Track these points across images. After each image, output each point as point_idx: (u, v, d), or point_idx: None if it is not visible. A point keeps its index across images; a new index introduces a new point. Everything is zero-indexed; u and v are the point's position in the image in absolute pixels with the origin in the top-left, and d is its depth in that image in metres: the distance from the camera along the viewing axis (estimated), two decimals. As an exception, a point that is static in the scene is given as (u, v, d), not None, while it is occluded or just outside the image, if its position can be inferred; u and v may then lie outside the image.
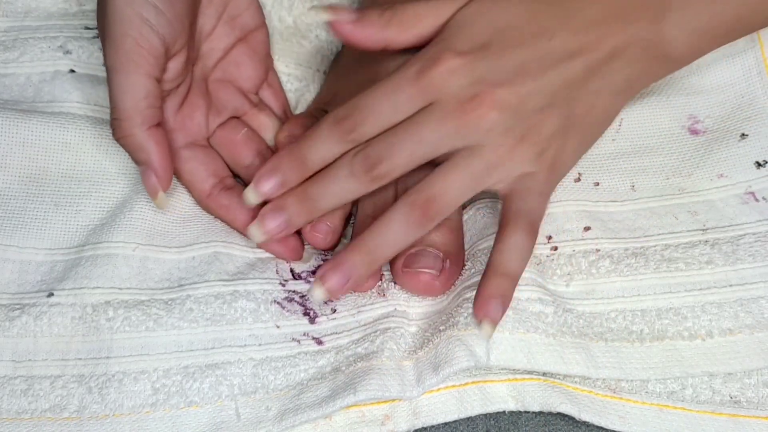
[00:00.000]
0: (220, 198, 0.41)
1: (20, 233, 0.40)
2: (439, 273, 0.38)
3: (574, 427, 0.37)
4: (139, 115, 0.37)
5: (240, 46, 0.44)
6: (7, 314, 0.37)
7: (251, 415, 0.36)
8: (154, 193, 0.39)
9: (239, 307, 0.38)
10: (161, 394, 0.36)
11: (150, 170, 0.38)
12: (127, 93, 0.37)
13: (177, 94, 0.41)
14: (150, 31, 0.37)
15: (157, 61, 0.37)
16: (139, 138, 0.38)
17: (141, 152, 0.38)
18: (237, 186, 0.42)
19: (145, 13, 0.37)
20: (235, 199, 0.41)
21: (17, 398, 0.35)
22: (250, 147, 0.43)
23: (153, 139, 0.38)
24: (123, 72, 0.37)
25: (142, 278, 0.39)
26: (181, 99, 0.41)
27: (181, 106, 0.41)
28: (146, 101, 0.37)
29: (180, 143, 0.41)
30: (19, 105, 0.43)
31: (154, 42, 0.37)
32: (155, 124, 0.38)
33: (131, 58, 0.37)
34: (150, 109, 0.38)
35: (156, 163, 0.38)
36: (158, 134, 0.38)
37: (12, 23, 0.47)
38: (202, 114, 0.42)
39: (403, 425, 0.36)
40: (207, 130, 0.43)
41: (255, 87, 0.45)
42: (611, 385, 0.37)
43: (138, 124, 0.37)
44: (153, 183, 0.38)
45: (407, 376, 0.36)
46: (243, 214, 0.41)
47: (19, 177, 0.41)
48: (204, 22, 0.42)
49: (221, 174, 0.42)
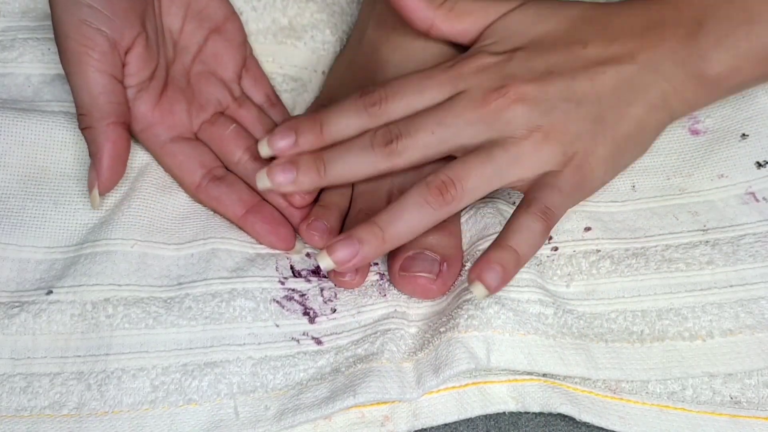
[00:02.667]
0: (210, 189, 0.41)
1: (19, 232, 0.40)
2: (436, 277, 0.38)
3: (575, 427, 0.37)
4: (97, 110, 0.38)
5: (214, 37, 0.45)
6: (6, 312, 0.37)
7: (250, 414, 0.36)
8: (90, 188, 0.39)
9: (238, 305, 0.38)
10: (160, 392, 0.36)
11: (95, 165, 0.39)
12: (82, 90, 0.38)
13: (150, 89, 0.41)
14: (89, 29, 0.38)
15: (105, 57, 0.38)
16: (95, 131, 0.39)
17: (92, 145, 0.39)
18: (227, 175, 0.42)
19: (81, 15, 0.38)
20: (225, 190, 0.41)
21: (16, 395, 0.35)
22: (238, 143, 0.43)
23: (108, 135, 0.39)
24: (74, 72, 0.38)
25: (141, 275, 0.39)
26: (157, 94, 0.42)
27: (159, 102, 0.42)
28: (104, 97, 0.38)
29: (164, 137, 0.42)
30: (17, 104, 0.43)
31: (97, 39, 0.38)
32: (119, 122, 0.39)
33: (78, 58, 0.38)
34: (109, 105, 0.39)
35: (102, 159, 0.39)
36: (116, 132, 0.39)
37: (9, 23, 0.47)
38: (183, 108, 0.42)
39: (403, 426, 0.36)
40: (191, 124, 0.43)
41: (236, 75, 0.45)
42: (611, 386, 0.37)
43: (97, 118, 0.38)
44: (92, 178, 0.39)
45: (407, 378, 0.36)
46: (234, 206, 0.41)
47: (18, 176, 0.41)
48: (171, 21, 0.43)
49: (210, 165, 0.42)
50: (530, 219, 0.36)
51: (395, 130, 0.37)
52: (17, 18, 0.47)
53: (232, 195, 0.41)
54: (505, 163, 0.37)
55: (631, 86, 0.38)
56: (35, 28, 0.46)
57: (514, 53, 0.38)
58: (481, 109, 0.37)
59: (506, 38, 0.39)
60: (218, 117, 0.44)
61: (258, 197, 0.42)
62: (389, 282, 0.40)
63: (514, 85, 0.37)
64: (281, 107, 0.47)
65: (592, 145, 0.37)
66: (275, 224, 0.41)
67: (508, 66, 0.38)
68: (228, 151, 0.43)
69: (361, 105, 0.38)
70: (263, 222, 0.41)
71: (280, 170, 0.38)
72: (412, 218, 0.36)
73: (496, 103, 0.37)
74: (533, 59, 0.38)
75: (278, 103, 0.47)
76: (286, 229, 0.41)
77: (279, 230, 0.41)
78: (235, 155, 0.43)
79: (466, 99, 0.37)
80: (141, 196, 0.41)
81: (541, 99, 0.37)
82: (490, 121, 0.37)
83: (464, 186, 0.36)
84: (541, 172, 0.37)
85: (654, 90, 0.38)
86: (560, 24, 0.39)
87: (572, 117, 0.37)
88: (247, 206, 0.41)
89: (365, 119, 0.38)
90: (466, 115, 0.37)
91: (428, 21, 0.40)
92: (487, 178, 0.37)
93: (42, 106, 0.43)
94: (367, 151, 0.38)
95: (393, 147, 0.37)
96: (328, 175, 0.38)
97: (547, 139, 0.37)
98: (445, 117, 0.37)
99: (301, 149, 0.39)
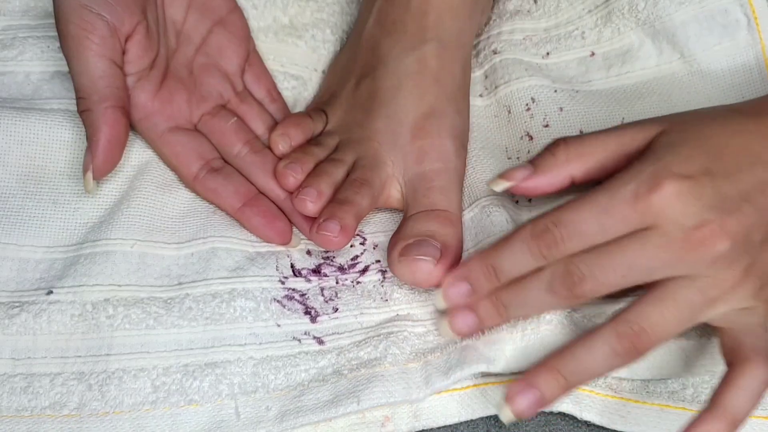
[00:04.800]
0: (207, 180, 0.41)
1: (19, 231, 0.40)
2: (436, 262, 0.38)
3: (575, 426, 0.37)
4: (96, 93, 0.39)
5: (218, 30, 0.45)
6: (7, 312, 0.37)
7: (251, 415, 0.36)
8: (84, 170, 0.39)
9: (238, 306, 0.38)
10: (161, 392, 0.36)
11: (90, 148, 0.39)
12: (82, 74, 0.38)
13: (150, 78, 0.41)
14: (90, 14, 0.38)
15: (105, 42, 0.38)
16: (93, 114, 0.39)
17: (90, 128, 0.39)
18: (225, 167, 0.42)
19: (82, 0, 0.38)
20: (223, 182, 0.41)
21: (17, 396, 0.35)
22: (239, 136, 0.43)
23: (106, 119, 0.39)
24: (74, 56, 0.38)
25: (141, 275, 0.39)
26: (157, 83, 0.42)
27: (158, 91, 0.41)
28: (103, 81, 0.39)
29: (162, 127, 0.41)
30: (17, 103, 0.43)
31: (97, 24, 0.38)
32: (118, 106, 0.39)
33: (78, 42, 0.38)
34: (108, 89, 0.39)
35: (98, 142, 0.39)
36: (114, 116, 0.39)
37: (9, 21, 0.47)
38: (183, 99, 0.42)
39: (404, 427, 0.36)
40: (191, 114, 0.43)
41: (239, 68, 0.45)
42: (612, 385, 0.37)
43: (95, 101, 0.39)
44: (87, 161, 0.39)
45: (413, 378, 0.36)
46: (231, 198, 0.41)
47: (18, 175, 0.41)
48: (174, 11, 0.43)
49: (208, 156, 0.42)
50: (758, 373, 0.33)
51: (577, 272, 0.33)
52: (18, 16, 0.47)
53: (230, 187, 0.41)
54: (702, 304, 0.33)
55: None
56: (35, 26, 0.46)
57: (704, 177, 0.33)
58: (682, 250, 0.33)
59: (684, 155, 0.34)
60: (219, 110, 0.44)
61: (255, 190, 0.42)
62: (391, 286, 0.40)
63: (716, 221, 0.33)
64: (282, 103, 0.47)
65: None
66: (272, 218, 0.41)
67: (703, 195, 0.33)
68: (227, 143, 0.43)
69: (535, 247, 0.34)
70: (260, 215, 0.41)
71: (461, 320, 0.36)
72: (598, 367, 0.33)
73: (699, 244, 0.32)
74: (725, 185, 0.33)
75: (279, 99, 0.47)
76: (283, 223, 0.41)
77: (276, 223, 0.41)
78: (234, 148, 0.43)
79: (661, 238, 0.33)
80: (141, 195, 0.41)
81: (742, 234, 0.33)
82: (691, 263, 0.33)
83: (658, 333, 0.33)
84: (738, 308, 0.34)
85: None
86: (728, 136, 0.35)
87: (766, 248, 0.34)
88: (244, 199, 0.41)
89: (540, 260, 0.34)
90: (663, 258, 0.33)
91: (566, 182, 0.37)
92: (682, 321, 0.33)
93: (41, 104, 0.43)
94: (547, 294, 0.34)
95: (577, 291, 0.34)
96: (509, 317, 0.36)
97: (746, 276, 0.34)
98: (638, 259, 0.33)
99: (478, 295, 0.36)
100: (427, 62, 0.43)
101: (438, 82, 0.43)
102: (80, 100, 0.39)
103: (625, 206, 0.33)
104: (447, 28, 0.44)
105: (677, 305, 0.33)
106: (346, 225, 0.39)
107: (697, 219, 0.32)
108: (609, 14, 0.47)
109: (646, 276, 0.33)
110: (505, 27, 0.49)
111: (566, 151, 0.37)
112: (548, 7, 0.49)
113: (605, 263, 0.33)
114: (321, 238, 0.39)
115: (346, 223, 0.39)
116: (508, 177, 0.37)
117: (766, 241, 0.34)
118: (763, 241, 0.34)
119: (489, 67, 0.48)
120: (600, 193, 0.34)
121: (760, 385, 0.33)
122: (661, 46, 0.46)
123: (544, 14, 0.49)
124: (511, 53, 0.48)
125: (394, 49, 0.44)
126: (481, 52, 0.49)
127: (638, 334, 0.33)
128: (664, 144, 0.35)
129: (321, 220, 0.39)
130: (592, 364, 0.33)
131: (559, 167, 0.37)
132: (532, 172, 0.37)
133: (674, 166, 0.33)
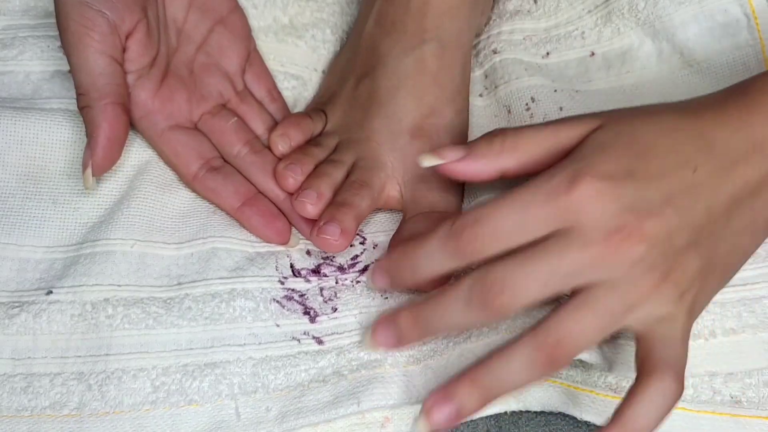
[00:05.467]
0: (207, 180, 0.41)
1: (18, 231, 0.40)
2: None
3: (575, 427, 0.37)
4: (96, 90, 0.38)
5: (219, 29, 0.45)
6: (7, 312, 0.37)
7: (251, 416, 0.36)
8: (83, 167, 0.39)
9: (238, 306, 0.38)
10: (161, 392, 0.36)
11: (90, 145, 0.39)
12: (82, 70, 0.38)
13: (150, 76, 0.41)
14: (90, 10, 0.38)
15: (105, 38, 0.38)
16: (93, 111, 0.38)
17: (89, 125, 0.39)
18: (225, 167, 0.42)
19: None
20: (222, 181, 0.41)
21: (17, 396, 0.35)
22: (239, 136, 0.43)
23: (106, 115, 0.38)
24: (74, 53, 0.38)
25: (140, 275, 0.39)
26: (157, 81, 0.42)
27: (158, 90, 0.42)
28: (103, 77, 0.39)
29: (162, 126, 0.41)
30: (17, 102, 0.43)
31: (97, 20, 0.38)
32: (117, 103, 0.39)
33: (78, 38, 0.38)
34: (108, 86, 0.39)
35: (98, 139, 0.38)
36: (114, 112, 0.39)
37: (9, 21, 0.47)
38: (183, 98, 0.42)
39: (404, 428, 0.36)
40: (191, 113, 0.43)
41: (239, 68, 0.45)
42: (612, 385, 0.37)
43: (95, 98, 0.38)
44: (86, 157, 0.39)
45: (414, 381, 0.36)
46: (231, 197, 0.41)
47: (17, 175, 0.41)
48: (174, 10, 0.43)
49: (207, 155, 0.42)
50: (665, 385, 0.32)
51: (496, 284, 0.32)
52: (18, 16, 0.47)
53: (229, 186, 0.41)
54: (620, 310, 0.32)
55: (741, 214, 0.34)
56: (35, 26, 0.46)
57: (625, 178, 0.32)
58: (602, 252, 0.31)
59: (608, 156, 0.33)
60: (220, 109, 0.44)
61: (254, 190, 0.42)
62: None
63: (636, 223, 0.32)
64: (282, 103, 0.47)
65: (704, 283, 0.34)
66: (271, 217, 0.41)
67: (623, 195, 0.32)
68: (227, 143, 0.43)
69: (452, 245, 0.33)
70: (259, 215, 0.41)
71: (382, 334, 0.35)
72: (516, 379, 0.32)
73: (618, 246, 0.31)
74: (647, 187, 0.32)
75: (279, 99, 0.47)
76: (282, 223, 0.41)
77: (275, 223, 0.41)
78: (234, 147, 0.43)
79: (580, 239, 0.32)
80: (141, 195, 0.41)
81: (663, 238, 0.32)
82: (610, 266, 0.32)
83: (576, 343, 0.32)
84: (657, 315, 0.33)
85: (760, 216, 0.35)
86: (659, 139, 0.34)
87: (690, 256, 0.33)
88: (244, 198, 0.41)
89: (458, 260, 0.33)
90: (583, 260, 0.32)
91: (496, 172, 0.36)
92: (601, 328, 0.32)
93: (41, 104, 0.43)
94: (465, 311, 0.33)
95: (496, 305, 0.32)
96: (428, 333, 0.35)
97: (665, 281, 0.32)
98: (557, 263, 0.32)
99: (397, 287, 0.37)
100: (426, 63, 0.43)
101: (437, 82, 0.43)
102: (80, 97, 0.39)
103: (545, 204, 0.32)
104: (446, 28, 0.44)
105: (596, 313, 0.32)
106: (346, 228, 0.39)
107: (615, 221, 0.31)
108: (609, 14, 0.47)
109: (566, 283, 0.32)
110: (505, 27, 0.49)
111: (502, 141, 0.35)
112: (548, 7, 0.49)
113: (524, 269, 0.32)
114: (321, 242, 0.39)
115: (346, 226, 0.39)
116: (439, 154, 0.36)
117: (691, 245, 0.33)
118: (687, 246, 0.33)
119: (489, 66, 0.48)
120: (522, 190, 0.33)
121: (664, 400, 0.32)
122: (661, 46, 0.46)
123: (544, 14, 0.49)
124: (511, 53, 0.48)
125: (394, 50, 0.44)
126: (481, 52, 0.49)
127: (555, 346, 0.32)
128: (593, 142, 0.34)
129: (321, 223, 0.40)
130: (511, 376, 0.32)
131: (491, 156, 0.35)
132: (465, 156, 0.36)
133: (597, 166, 0.32)
